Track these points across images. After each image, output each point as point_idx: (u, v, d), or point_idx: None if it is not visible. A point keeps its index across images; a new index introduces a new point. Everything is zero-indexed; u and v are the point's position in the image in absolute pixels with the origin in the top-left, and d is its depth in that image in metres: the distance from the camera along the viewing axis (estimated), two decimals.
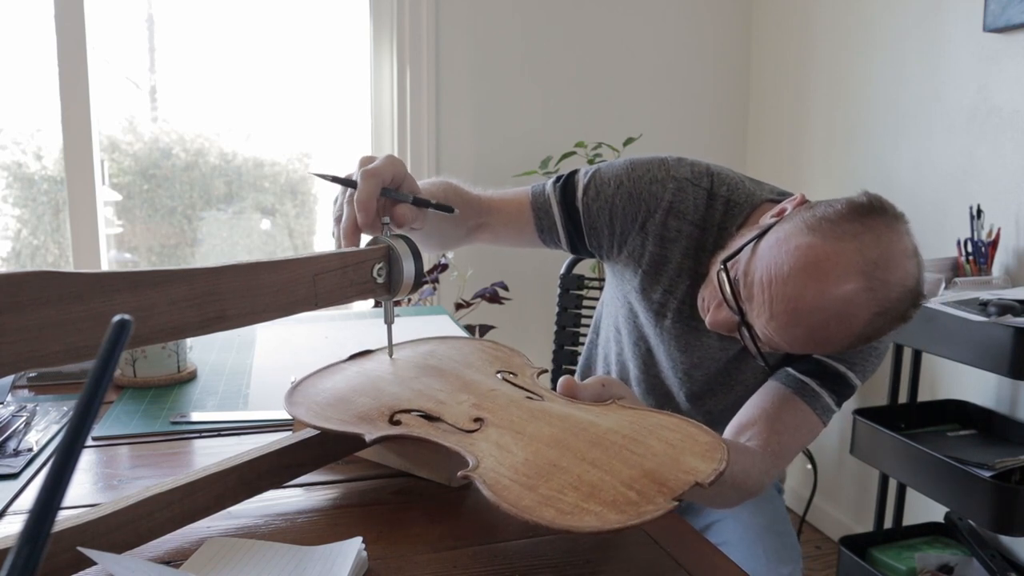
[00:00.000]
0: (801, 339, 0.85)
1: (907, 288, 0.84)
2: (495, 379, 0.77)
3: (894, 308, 0.83)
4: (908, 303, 0.85)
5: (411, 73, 2.43)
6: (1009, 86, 1.84)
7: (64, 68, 2.17)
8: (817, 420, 0.97)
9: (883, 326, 0.85)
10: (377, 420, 0.70)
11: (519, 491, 0.57)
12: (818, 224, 0.84)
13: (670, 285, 1.05)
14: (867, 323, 0.83)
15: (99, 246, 2.28)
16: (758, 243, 0.89)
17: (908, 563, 1.81)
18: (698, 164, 1.05)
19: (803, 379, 0.97)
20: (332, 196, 0.87)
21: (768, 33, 2.70)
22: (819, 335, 0.84)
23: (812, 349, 0.89)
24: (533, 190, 1.08)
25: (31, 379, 1.09)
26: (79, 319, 0.52)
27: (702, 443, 0.62)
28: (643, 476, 0.58)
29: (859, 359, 0.99)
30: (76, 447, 0.30)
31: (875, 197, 0.86)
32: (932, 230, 2.06)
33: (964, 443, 1.77)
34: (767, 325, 0.86)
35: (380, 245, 0.77)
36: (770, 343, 0.88)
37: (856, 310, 0.82)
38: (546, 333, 2.59)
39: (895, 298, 0.83)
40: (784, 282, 0.83)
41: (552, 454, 0.61)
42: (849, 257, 0.81)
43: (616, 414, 0.68)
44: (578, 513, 0.54)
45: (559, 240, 1.08)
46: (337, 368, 0.83)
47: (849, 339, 0.85)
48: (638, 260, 1.05)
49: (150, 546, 0.61)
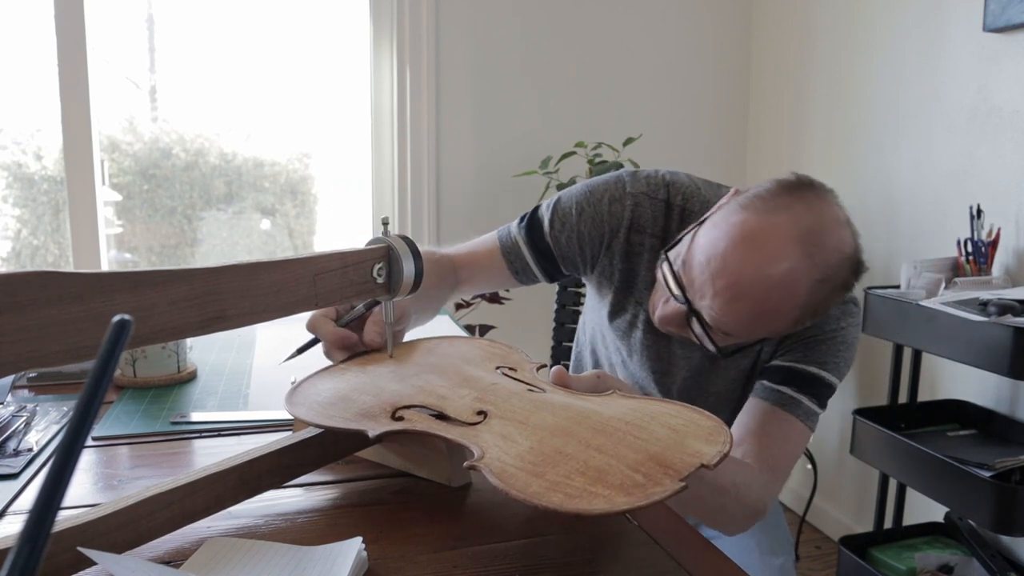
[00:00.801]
0: (748, 315, 0.86)
1: (845, 254, 0.85)
2: (495, 374, 0.77)
3: (834, 275, 0.85)
4: (848, 270, 0.86)
5: (411, 73, 2.43)
6: (1009, 86, 1.84)
7: (64, 68, 2.17)
8: (803, 426, 0.97)
9: (827, 295, 0.86)
10: (380, 416, 0.70)
11: (526, 478, 0.57)
12: (750, 202, 0.87)
13: (640, 298, 1.08)
14: (810, 291, 0.84)
15: (99, 246, 2.28)
16: (696, 232, 0.91)
17: (908, 563, 1.81)
18: (653, 176, 1.06)
19: (780, 389, 0.97)
20: (332, 196, 0.87)
21: (768, 33, 2.70)
22: (764, 308, 0.85)
23: (762, 327, 0.89)
24: (500, 236, 1.11)
25: (31, 379, 1.09)
26: (79, 319, 0.52)
27: (705, 427, 0.62)
28: (649, 460, 0.58)
29: (828, 357, 0.99)
30: (76, 447, 0.30)
31: (802, 175, 0.90)
32: (932, 230, 2.06)
33: (964, 443, 1.77)
34: (712, 305, 0.86)
35: (380, 245, 0.77)
36: (720, 326, 0.88)
37: (796, 277, 0.83)
38: (546, 333, 2.59)
39: (834, 264, 0.84)
40: (722, 258, 0.85)
41: (557, 442, 0.61)
42: (783, 227, 0.83)
43: (617, 403, 0.68)
44: (586, 497, 0.54)
45: (535, 277, 1.11)
46: (336, 369, 0.83)
47: (795, 310, 0.86)
48: (610, 278, 1.09)
49: (150, 546, 0.61)
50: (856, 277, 0.88)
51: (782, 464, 0.96)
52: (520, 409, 0.68)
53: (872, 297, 1.84)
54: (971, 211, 1.82)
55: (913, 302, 1.69)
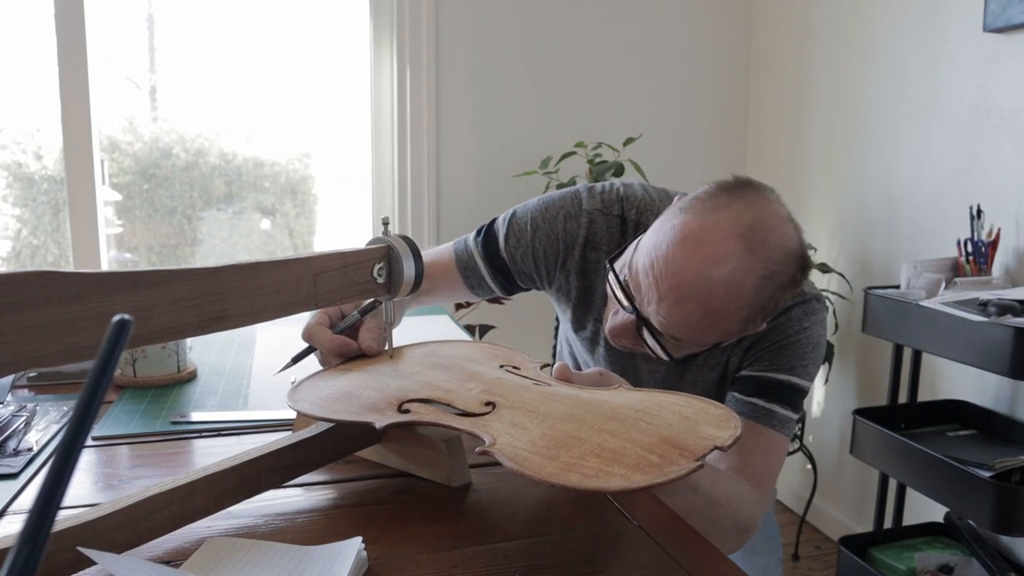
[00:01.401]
0: (696, 316, 0.84)
1: (788, 250, 0.84)
2: (500, 371, 0.77)
3: (780, 271, 0.84)
4: (794, 266, 0.85)
5: (411, 73, 2.43)
6: (1009, 86, 1.84)
7: (64, 68, 2.17)
8: (780, 436, 0.96)
9: (774, 292, 0.85)
10: (386, 409, 0.69)
11: (540, 461, 0.57)
12: (689, 205, 0.87)
13: (599, 315, 1.06)
14: (755, 288, 0.83)
15: (99, 246, 2.28)
16: (639, 240, 0.91)
17: (908, 563, 1.81)
18: (608, 192, 1.06)
19: (752, 401, 0.97)
20: (332, 196, 0.88)
21: (768, 33, 2.70)
22: (711, 307, 0.83)
23: (712, 329, 0.87)
24: (456, 249, 1.11)
25: (31, 379, 1.09)
26: (79, 319, 0.52)
27: (715, 415, 0.61)
28: (663, 442, 0.57)
29: (796, 361, 0.98)
30: (76, 447, 0.30)
31: (740, 175, 0.89)
32: (932, 230, 2.06)
33: (964, 443, 1.77)
34: (658, 309, 0.85)
35: (380, 244, 0.77)
36: (669, 331, 0.87)
37: (741, 275, 0.82)
38: (546, 332, 2.59)
39: (778, 260, 0.83)
40: (665, 260, 0.84)
41: (569, 427, 0.61)
42: (724, 224, 0.83)
43: (625, 395, 0.68)
44: (603, 476, 0.54)
45: (491, 291, 1.10)
46: (337, 369, 0.83)
47: (743, 309, 0.84)
48: (567, 295, 1.08)
49: (150, 546, 0.61)
50: (803, 274, 0.87)
51: (766, 479, 0.95)
52: (529, 400, 0.68)
53: (872, 297, 1.84)
54: (971, 211, 1.82)
55: (913, 302, 1.69)
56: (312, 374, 0.81)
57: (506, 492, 0.74)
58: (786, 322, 0.98)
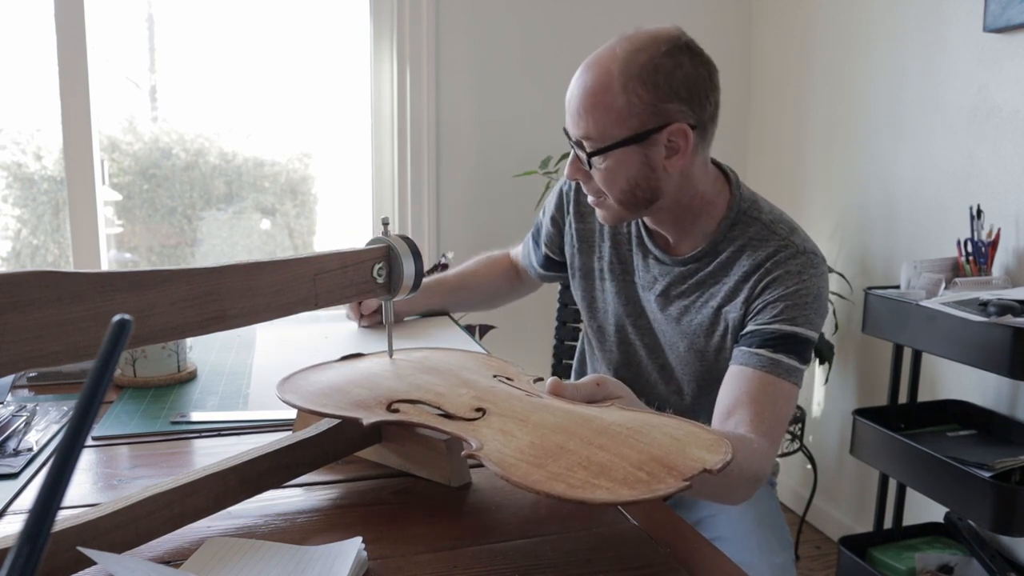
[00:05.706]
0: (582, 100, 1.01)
1: (657, 32, 1.00)
2: (493, 380, 0.77)
3: (648, 45, 0.99)
4: (667, 43, 0.99)
5: (411, 73, 2.43)
6: (1009, 86, 1.84)
7: (64, 68, 2.17)
8: (788, 385, 0.99)
9: (647, 61, 0.98)
10: (375, 407, 0.69)
11: (527, 468, 0.57)
12: None
13: (600, 252, 1.22)
14: (626, 60, 0.98)
15: (99, 246, 2.28)
16: None
17: (908, 563, 1.81)
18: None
19: (758, 352, 1.00)
20: (332, 196, 0.88)
21: (768, 33, 2.70)
22: (591, 84, 1.00)
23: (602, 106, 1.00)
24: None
25: (31, 379, 1.09)
26: (79, 319, 0.52)
27: (706, 439, 0.61)
28: (652, 460, 0.57)
29: (797, 312, 1.02)
30: (76, 447, 0.30)
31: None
32: (932, 230, 2.06)
33: (964, 443, 1.77)
34: (568, 120, 1.06)
35: (380, 244, 0.77)
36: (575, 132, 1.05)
37: (609, 52, 1.00)
38: (546, 332, 2.59)
39: (645, 38, 0.99)
40: (570, 86, 1.05)
41: (558, 438, 0.61)
42: (611, 43, 1.02)
43: (617, 412, 0.68)
44: (589, 488, 0.54)
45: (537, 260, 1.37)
46: (330, 365, 0.83)
47: (620, 77, 0.98)
48: (571, 243, 1.26)
49: (150, 546, 0.61)
50: (684, 56, 1.00)
51: (776, 429, 0.97)
52: (520, 409, 0.67)
53: (872, 297, 1.84)
54: (971, 211, 1.82)
55: (913, 302, 1.69)
56: (303, 368, 0.81)
57: (506, 492, 0.74)
58: (784, 275, 1.03)
